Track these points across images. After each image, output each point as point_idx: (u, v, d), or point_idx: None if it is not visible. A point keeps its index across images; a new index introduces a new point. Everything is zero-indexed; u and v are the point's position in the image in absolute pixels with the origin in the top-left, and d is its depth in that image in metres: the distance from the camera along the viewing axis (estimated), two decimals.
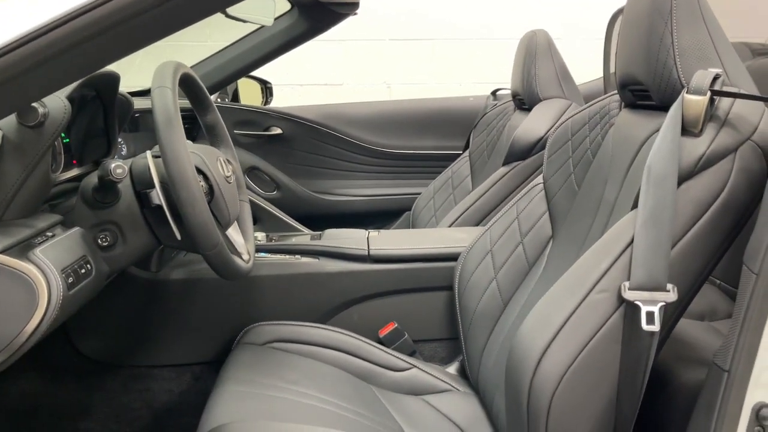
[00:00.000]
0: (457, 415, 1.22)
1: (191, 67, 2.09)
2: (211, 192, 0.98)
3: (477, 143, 2.06)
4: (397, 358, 1.33)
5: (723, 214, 0.85)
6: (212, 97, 2.28)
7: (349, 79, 3.41)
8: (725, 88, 0.89)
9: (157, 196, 0.91)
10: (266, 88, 2.51)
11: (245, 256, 1.08)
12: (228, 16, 1.44)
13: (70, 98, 0.93)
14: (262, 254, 1.42)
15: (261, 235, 1.50)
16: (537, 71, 1.75)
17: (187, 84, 1.10)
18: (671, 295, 0.82)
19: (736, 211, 0.85)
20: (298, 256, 1.42)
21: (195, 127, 2.14)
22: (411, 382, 1.31)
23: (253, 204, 1.64)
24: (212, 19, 1.85)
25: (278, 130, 2.25)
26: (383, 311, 1.40)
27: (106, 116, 1.16)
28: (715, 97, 0.87)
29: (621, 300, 0.84)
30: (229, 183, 1.04)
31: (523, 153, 1.64)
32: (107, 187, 0.92)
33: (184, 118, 1.41)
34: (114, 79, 1.11)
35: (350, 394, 1.20)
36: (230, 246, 1.06)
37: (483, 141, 2.03)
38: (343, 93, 3.38)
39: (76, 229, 0.88)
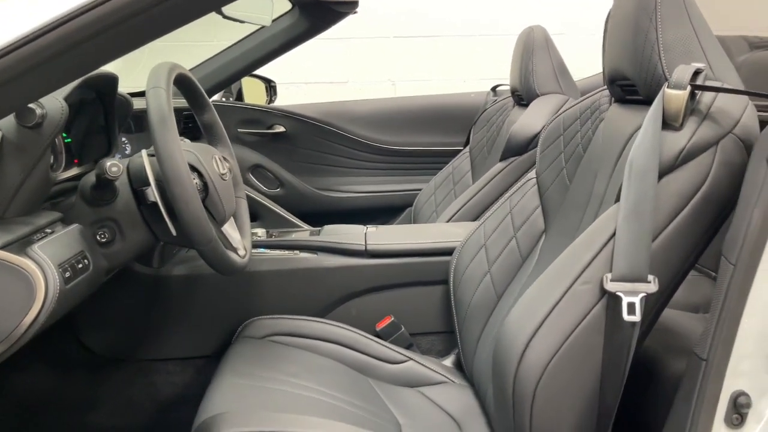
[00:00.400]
0: (451, 406, 1.25)
1: (196, 66, 2.12)
2: (205, 189, 1.01)
3: (477, 139, 2.08)
4: (394, 350, 1.36)
5: (704, 207, 0.86)
6: (216, 96, 2.33)
7: (353, 77, 3.43)
8: (708, 83, 0.91)
9: (153, 194, 0.94)
10: (270, 87, 2.54)
11: (241, 252, 1.11)
12: (225, 16, 1.47)
13: (71, 100, 0.96)
14: (262, 250, 1.45)
15: (261, 231, 1.53)
16: (534, 67, 1.77)
17: (183, 84, 1.13)
18: (652, 286, 0.84)
19: (718, 203, 0.87)
20: (296, 252, 1.45)
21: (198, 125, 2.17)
22: (407, 375, 1.33)
23: (253, 201, 1.67)
24: (218, 18, 1.89)
25: (281, 129, 2.28)
26: (380, 305, 1.43)
27: (106, 116, 1.19)
28: (696, 91, 0.89)
29: (603, 291, 0.85)
30: (225, 180, 1.06)
31: (519, 148, 1.65)
32: (105, 185, 0.95)
33: (187, 117, 1.44)
34: (113, 81, 1.15)
35: (347, 386, 1.23)
36: (226, 242, 1.09)
37: (483, 137, 2.05)
38: (347, 90, 3.40)
39: (74, 226, 0.91)
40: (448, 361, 1.42)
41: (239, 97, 2.45)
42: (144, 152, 0.96)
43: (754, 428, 0.79)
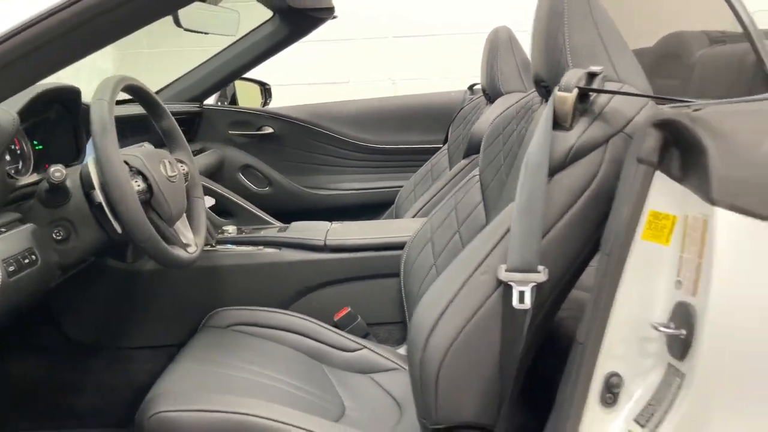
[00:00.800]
0: (397, 391, 1.32)
1: (187, 73, 2.24)
2: (150, 190, 1.11)
3: (454, 136, 2.14)
4: (349, 339, 1.44)
5: (594, 203, 0.92)
6: (212, 101, 2.44)
7: (354, 77, 3.52)
8: (608, 84, 0.97)
9: (98, 195, 1.05)
10: (265, 90, 2.64)
11: (191, 249, 1.21)
12: (186, 29, 1.56)
13: (34, 112, 1.07)
14: (229, 246, 1.55)
15: (232, 228, 1.63)
16: (499, 66, 1.82)
17: (137, 95, 1.23)
18: (541, 276, 0.90)
19: (608, 199, 0.92)
20: (261, 247, 1.54)
21: (192, 129, 2.29)
22: (360, 362, 1.41)
23: (228, 200, 1.78)
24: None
25: (270, 130, 2.38)
26: (339, 297, 1.51)
27: (74, 125, 1.30)
28: (591, 93, 0.94)
29: (499, 281, 0.92)
30: (173, 182, 1.16)
31: (480, 146, 1.71)
32: (56, 188, 1.06)
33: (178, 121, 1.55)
34: (75, 93, 1.25)
35: (300, 373, 1.32)
36: (176, 238, 1.19)
37: (459, 134, 2.11)
38: (349, 90, 3.49)
39: (28, 225, 1.02)
40: (403, 349, 1.49)
41: (233, 100, 2.56)
42: (90, 158, 1.06)
43: (625, 407, 0.85)
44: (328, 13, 2.00)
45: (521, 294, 0.90)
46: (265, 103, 2.63)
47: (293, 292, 1.51)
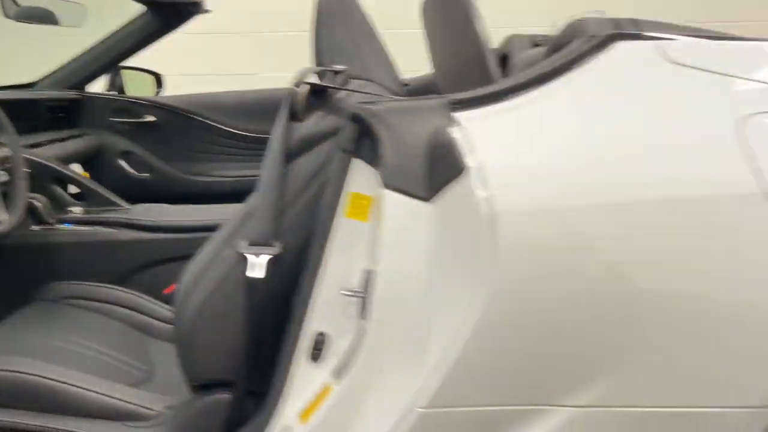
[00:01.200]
0: None
1: (67, 62, 2.31)
2: None
3: None
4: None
5: (325, 187, 1.05)
6: (99, 88, 2.51)
7: (264, 69, 3.61)
8: (355, 82, 1.10)
9: None
10: (157, 80, 2.72)
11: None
12: (17, 20, 1.64)
13: None
14: (67, 225, 1.65)
15: (78, 210, 1.73)
16: None
17: None
18: (275, 250, 1.03)
19: None
20: (98, 227, 1.64)
21: (73, 115, 2.37)
22: None
23: (80, 184, 1.87)
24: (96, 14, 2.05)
25: (152, 118, 2.45)
26: (171, 274, 1.61)
27: None
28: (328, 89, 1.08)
29: (240, 254, 1.04)
30: None
31: None
32: None
33: (51, 108, 1.58)
34: None
35: (114, 342, 1.42)
36: None
37: None
38: (258, 82, 3.58)
39: None
40: None
41: (121, 89, 2.63)
42: None
43: (330, 362, 0.98)
44: (195, 7, 2.10)
45: (256, 266, 1.02)
46: (157, 93, 2.71)
47: (126, 269, 1.62)
